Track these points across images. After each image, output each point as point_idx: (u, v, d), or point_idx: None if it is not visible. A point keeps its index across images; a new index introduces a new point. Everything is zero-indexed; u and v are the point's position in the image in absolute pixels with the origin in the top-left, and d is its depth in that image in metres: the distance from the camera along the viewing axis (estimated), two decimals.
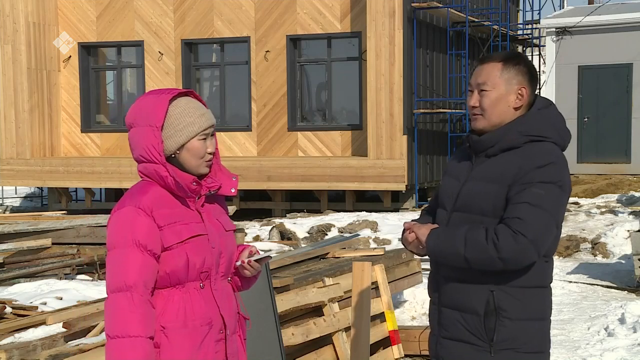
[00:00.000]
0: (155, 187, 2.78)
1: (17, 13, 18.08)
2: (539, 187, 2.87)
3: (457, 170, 3.12)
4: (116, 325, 2.66)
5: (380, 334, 6.35)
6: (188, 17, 17.95)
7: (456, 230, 2.94)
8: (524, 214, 2.84)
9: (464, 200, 3.02)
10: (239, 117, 18.00)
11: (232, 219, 3.02)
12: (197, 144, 2.79)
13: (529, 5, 21.74)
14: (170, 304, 2.75)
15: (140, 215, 2.71)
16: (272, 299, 4.94)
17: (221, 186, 2.88)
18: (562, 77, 19.06)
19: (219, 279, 2.85)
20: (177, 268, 2.74)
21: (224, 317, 2.83)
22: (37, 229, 10.04)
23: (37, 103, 18.43)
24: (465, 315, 2.99)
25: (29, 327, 5.60)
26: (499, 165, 2.97)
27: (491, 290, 2.94)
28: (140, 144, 2.77)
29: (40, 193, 21.57)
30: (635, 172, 18.22)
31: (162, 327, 2.73)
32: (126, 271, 2.68)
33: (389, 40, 15.60)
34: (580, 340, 7.16)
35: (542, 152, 2.93)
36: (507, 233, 2.84)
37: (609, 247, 11.25)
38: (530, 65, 3.05)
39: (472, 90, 3.08)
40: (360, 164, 15.78)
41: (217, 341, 2.82)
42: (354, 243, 8.69)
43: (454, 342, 3.04)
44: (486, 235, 2.86)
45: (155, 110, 2.75)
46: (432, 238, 2.98)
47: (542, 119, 3.00)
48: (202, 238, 2.79)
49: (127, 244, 2.70)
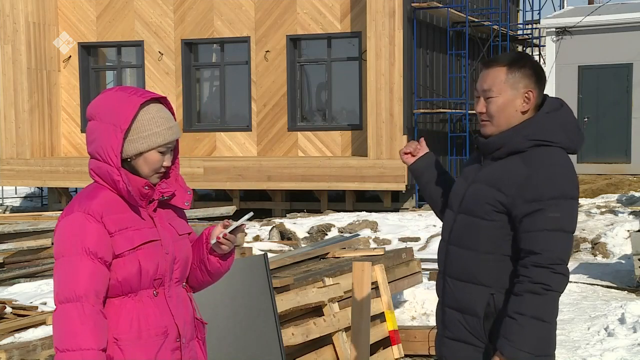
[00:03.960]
0: (105, 191, 2.68)
1: (17, 13, 18.08)
2: (553, 207, 2.83)
3: (468, 172, 3.12)
4: (66, 338, 2.54)
5: (380, 334, 6.35)
6: (188, 17, 17.94)
7: (518, 324, 2.83)
8: (548, 244, 2.83)
9: (468, 202, 3.02)
10: (239, 117, 18.00)
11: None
12: (156, 156, 2.70)
13: (529, 5, 21.76)
14: (123, 313, 2.65)
15: (90, 221, 2.60)
16: (272, 299, 4.94)
17: (175, 194, 2.79)
18: (562, 77, 19.05)
19: (173, 285, 2.76)
20: (129, 275, 2.64)
21: (178, 325, 2.74)
22: (37, 229, 10.03)
23: (37, 103, 18.43)
24: (466, 316, 3.00)
25: (29, 327, 5.60)
26: (502, 170, 2.95)
27: (491, 293, 2.94)
28: (98, 141, 2.65)
29: (40, 193, 21.56)
30: (635, 172, 18.22)
31: (115, 339, 2.63)
32: (76, 280, 2.56)
33: (389, 40, 15.60)
34: (580, 340, 7.16)
35: (548, 160, 2.89)
36: (546, 272, 2.82)
37: (609, 247, 11.25)
38: (536, 66, 3.01)
39: (478, 96, 3.05)
40: (360, 164, 15.78)
41: (173, 350, 2.73)
42: (354, 243, 8.69)
43: (456, 343, 3.05)
44: (534, 291, 2.82)
45: (124, 110, 2.64)
46: (516, 354, 2.84)
47: (549, 122, 2.95)
48: (155, 244, 2.70)
49: (76, 252, 2.58)
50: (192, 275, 2.90)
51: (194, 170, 16.43)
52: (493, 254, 2.95)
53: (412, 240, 11.76)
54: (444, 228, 3.14)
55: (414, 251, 9.23)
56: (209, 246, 2.84)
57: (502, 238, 2.93)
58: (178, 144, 2.82)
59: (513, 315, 2.84)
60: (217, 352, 4.41)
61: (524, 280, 2.84)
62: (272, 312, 4.92)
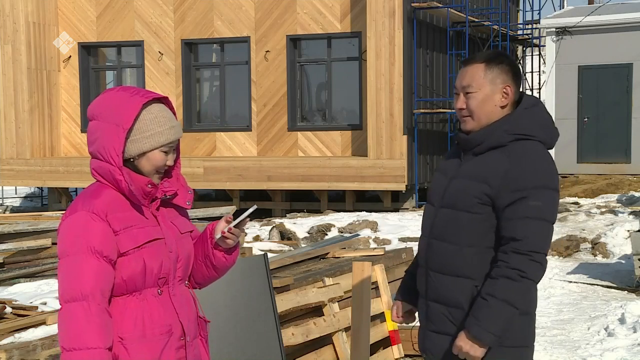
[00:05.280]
0: (109, 189, 2.68)
1: (17, 13, 18.08)
2: (535, 196, 2.90)
3: (446, 167, 3.18)
4: (73, 337, 2.54)
5: (380, 334, 6.36)
6: (188, 17, 17.95)
7: (489, 306, 2.89)
8: (528, 231, 2.89)
9: (450, 197, 3.06)
10: (239, 117, 18.00)
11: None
12: (159, 155, 2.70)
13: (529, 5, 21.74)
14: (128, 312, 2.65)
15: (95, 220, 2.60)
16: (272, 299, 4.94)
17: (177, 193, 2.81)
18: (562, 77, 19.05)
19: (177, 283, 2.77)
20: (134, 274, 2.64)
21: (182, 324, 2.75)
22: (37, 229, 10.02)
23: (37, 103, 18.43)
24: (450, 309, 3.05)
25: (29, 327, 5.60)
26: (485, 164, 3.01)
27: (475, 285, 2.99)
28: (100, 141, 2.65)
29: (40, 193, 21.56)
30: (635, 172, 18.22)
31: (120, 338, 2.63)
32: (81, 279, 2.56)
33: (389, 40, 15.60)
34: (580, 340, 7.16)
35: (529, 152, 2.97)
36: (524, 259, 2.88)
37: (609, 247, 11.25)
38: (512, 63, 3.11)
39: (457, 93, 3.13)
40: (360, 164, 15.78)
41: (178, 349, 2.73)
42: (354, 243, 8.69)
43: (440, 336, 3.09)
44: (509, 277, 2.87)
45: (127, 110, 2.64)
46: (483, 334, 2.89)
47: (528, 117, 3.04)
48: (159, 242, 2.70)
49: (81, 251, 2.58)
50: (198, 271, 2.91)
51: (194, 170, 16.43)
52: (476, 247, 3.01)
53: (412, 240, 11.76)
54: (424, 223, 3.20)
55: (414, 251, 9.22)
56: (213, 241, 2.85)
57: (486, 230, 2.99)
58: (179, 144, 2.83)
59: (485, 297, 2.91)
60: (217, 352, 4.41)
61: (501, 265, 2.91)
62: (272, 312, 4.92)
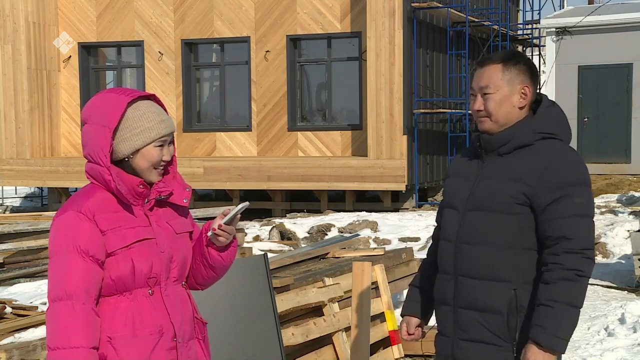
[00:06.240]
0: (101, 190, 2.68)
1: (17, 13, 18.08)
2: (576, 193, 2.88)
3: (465, 170, 3.11)
4: (57, 336, 2.55)
5: (380, 334, 6.35)
6: (188, 17, 17.95)
7: (554, 312, 2.82)
8: (578, 229, 2.86)
9: (481, 198, 2.99)
10: (239, 117, 18.00)
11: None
12: (153, 150, 2.69)
13: (529, 5, 21.74)
14: (118, 312, 2.64)
15: (82, 220, 2.61)
16: (272, 299, 4.94)
17: (173, 193, 2.79)
18: (562, 77, 19.05)
19: (171, 284, 2.74)
20: (122, 274, 2.63)
21: (174, 325, 2.72)
22: (37, 229, 10.03)
23: (37, 103, 18.43)
24: (485, 315, 2.95)
25: (29, 327, 5.61)
26: (514, 163, 2.97)
27: (514, 289, 2.91)
28: (90, 143, 2.66)
29: (40, 193, 21.56)
30: (635, 172, 18.22)
31: (109, 338, 2.62)
32: (67, 279, 2.57)
33: (389, 40, 15.60)
34: (580, 340, 7.15)
35: (561, 151, 2.95)
36: (578, 258, 2.84)
37: (609, 247, 11.25)
38: (529, 62, 3.07)
39: (474, 94, 3.08)
40: (360, 164, 15.78)
41: (169, 350, 2.71)
42: (354, 243, 8.69)
43: (473, 344, 2.98)
44: (567, 278, 2.83)
45: (112, 110, 2.65)
46: (555, 342, 2.82)
47: (551, 117, 3.03)
48: (150, 242, 2.69)
49: (68, 251, 2.59)
50: (197, 271, 2.89)
51: (194, 170, 16.43)
52: (513, 248, 2.93)
53: (412, 240, 11.76)
54: (446, 228, 3.10)
55: (414, 251, 9.22)
56: (207, 239, 2.83)
57: (523, 231, 2.92)
58: (174, 139, 2.81)
59: (547, 303, 2.82)
60: (217, 352, 4.40)
61: (555, 268, 2.84)
62: (272, 312, 4.92)
